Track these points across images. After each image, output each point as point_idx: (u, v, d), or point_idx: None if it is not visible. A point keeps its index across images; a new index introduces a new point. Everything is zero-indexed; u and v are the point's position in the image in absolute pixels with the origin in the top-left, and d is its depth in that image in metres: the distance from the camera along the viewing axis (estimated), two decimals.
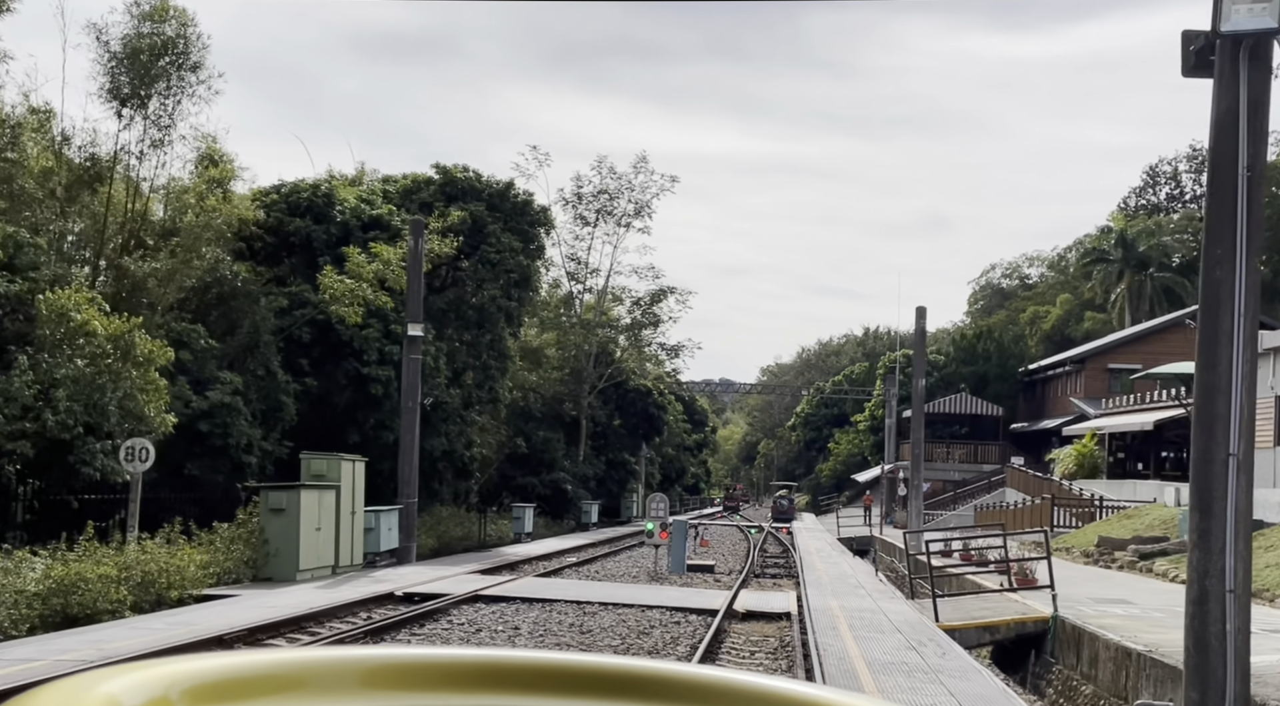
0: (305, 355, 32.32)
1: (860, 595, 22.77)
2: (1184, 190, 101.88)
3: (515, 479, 51.83)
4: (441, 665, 1.64)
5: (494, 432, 47.78)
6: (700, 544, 42.38)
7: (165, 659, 1.51)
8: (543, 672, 1.64)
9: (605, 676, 1.64)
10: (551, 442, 53.90)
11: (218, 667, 1.47)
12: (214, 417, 27.05)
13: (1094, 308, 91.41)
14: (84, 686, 1.30)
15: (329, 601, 17.28)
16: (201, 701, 1.40)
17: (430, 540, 30.96)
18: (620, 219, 57.98)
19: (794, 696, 1.60)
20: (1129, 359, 66.04)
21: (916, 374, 36.64)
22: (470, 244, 36.34)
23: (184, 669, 1.44)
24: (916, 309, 36.40)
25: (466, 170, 37.16)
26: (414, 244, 27.51)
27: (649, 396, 61.72)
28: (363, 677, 1.57)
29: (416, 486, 27.70)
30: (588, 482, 56.79)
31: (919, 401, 36.42)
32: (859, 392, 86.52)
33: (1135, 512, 38.69)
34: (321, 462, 22.29)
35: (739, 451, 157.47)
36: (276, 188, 33.69)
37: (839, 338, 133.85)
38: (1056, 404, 70.63)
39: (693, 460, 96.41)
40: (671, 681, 1.63)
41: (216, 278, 29.39)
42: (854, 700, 1.58)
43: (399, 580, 21.00)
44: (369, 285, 29.52)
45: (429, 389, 34.17)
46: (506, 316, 37.12)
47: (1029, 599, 20.49)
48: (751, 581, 27.91)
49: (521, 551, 31.59)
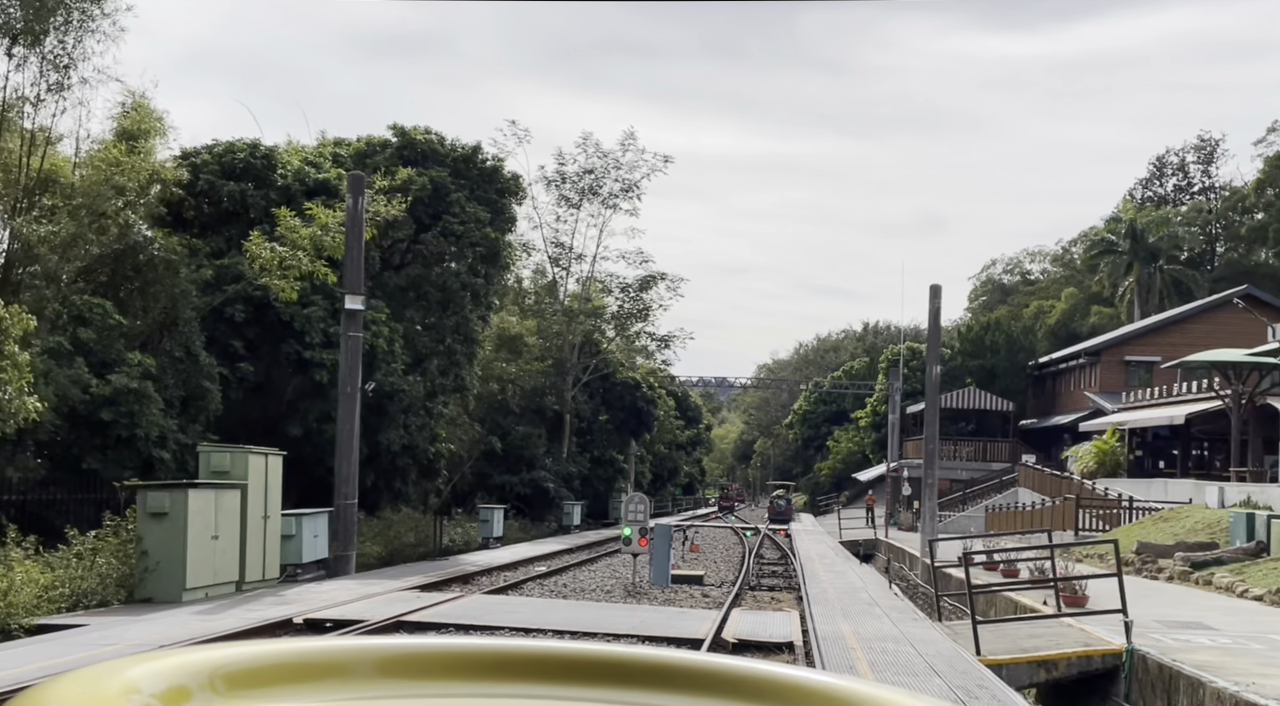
0: (239, 336, 28.43)
1: (876, 616, 18.90)
2: (1192, 181, 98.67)
3: (492, 477, 47.94)
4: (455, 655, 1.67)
5: (466, 427, 43.88)
6: (690, 549, 38.49)
7: (184, 648, 1.54)
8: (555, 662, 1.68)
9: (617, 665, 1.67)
10: (532, 439, 49.99)
11: (237, 656, 1.49)
12: (118, 405, 23.14)
13: (1101, 301, 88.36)
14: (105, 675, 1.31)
15: (201, 632, 13.39)
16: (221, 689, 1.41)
17: (376, 548, 27.05)
18: (606, 200, 54.08)
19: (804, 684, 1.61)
20: (1147, 351, 62.41)
21: (930, 360, 32.78)
22: (431, 213, 32.42)
23: (204, 657, 1.46)
24: (930, 287, 32.56)
25: (429, 132, 33.20)
26: (353, 203, 23.61)
27: (638, 390, 57.81)
28: (379, 667, 1.59)
29: (356, 485, 23.80)
30: (571, 481, 52.89)
31: (933, 391, 32.57)
32: (860, 387, 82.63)
33: (1171, 515, 34.86)
34: (223, 456, 18.35)
35: (735, 450, 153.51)
36: (209, 147, 29.75)
37: (838, 333, 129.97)
38: (1069, 399, 66.84)
39: (686, 459, 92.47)
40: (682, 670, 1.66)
41: (130, 245, 25.48)
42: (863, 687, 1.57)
43: (313, 600, 17.11)
44: (305, 254, 25.59)
45: (382, 376, 30.28)
46: (473, 295, 33.16)
47: (1085, 623, 16.64)
48: (746, 595, 24.04)
49: (484, 560, 27.68)
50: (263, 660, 1.50)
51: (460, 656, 1.65)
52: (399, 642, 1.69)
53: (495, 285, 34.41)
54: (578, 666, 1.65)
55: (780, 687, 1.59)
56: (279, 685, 1.48)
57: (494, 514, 33.10)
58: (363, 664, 1.58)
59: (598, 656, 1.69)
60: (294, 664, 1.52)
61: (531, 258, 54.94)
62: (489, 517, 32.88)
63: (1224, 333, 56.84)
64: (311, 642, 1.62)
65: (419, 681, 1.59)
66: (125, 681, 1.30)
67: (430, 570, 23.86)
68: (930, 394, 32.66)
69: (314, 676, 1.52)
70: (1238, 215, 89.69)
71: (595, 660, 1.67)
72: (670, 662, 1.68)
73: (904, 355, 76.84)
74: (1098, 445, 49.20)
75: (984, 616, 20.22)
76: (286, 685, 1.48)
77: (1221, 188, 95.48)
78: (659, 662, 1.67)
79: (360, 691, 1.53)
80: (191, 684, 1.39)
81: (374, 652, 1.63)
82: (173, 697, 1.35)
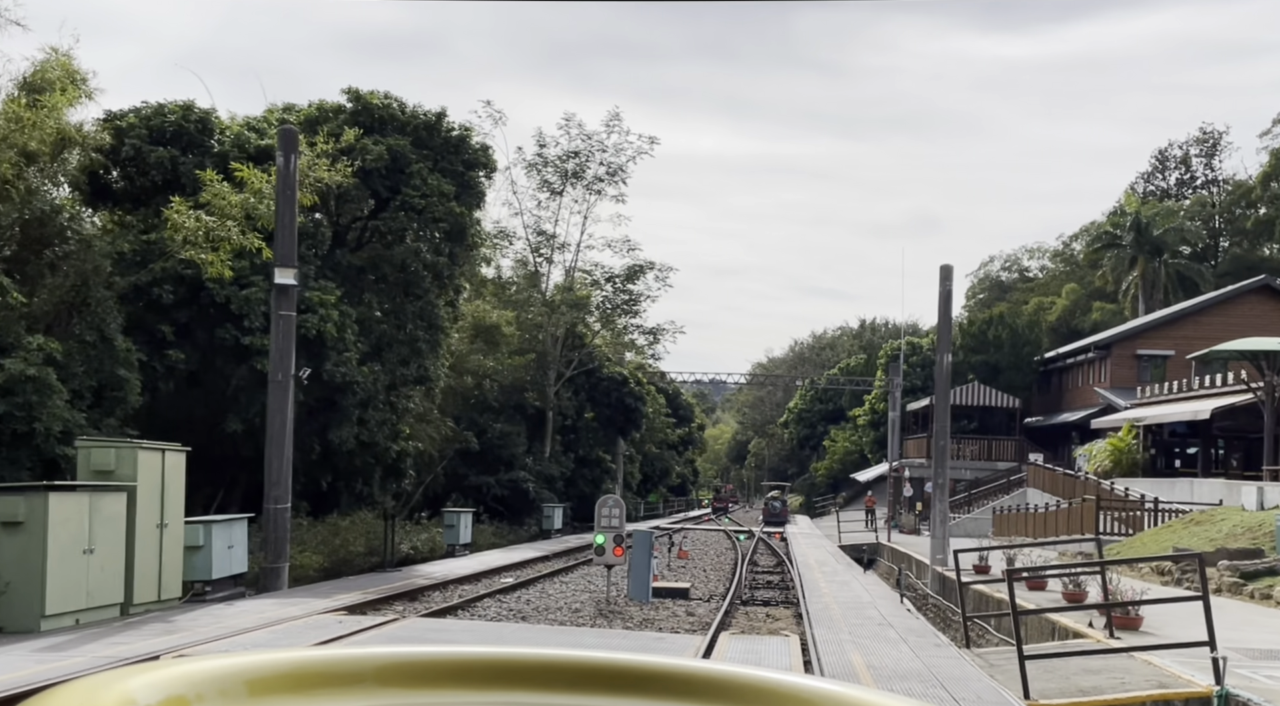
0: (168, 320, 25.28)
1: (890, 640, 15.85)
2: (1195, 175, 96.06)
3: (468, 478, 44.84)
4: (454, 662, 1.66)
5: (437, 424, 40.77)
6: (678, 555, 35.43)
7: (181, 659, 1.53)
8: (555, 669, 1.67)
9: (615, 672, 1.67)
10: (511, 437, 46.87)
11: (233, 667, 1.49)
12: (14, 395, 20.02)
13: (1103, 297, 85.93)
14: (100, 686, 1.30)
15: (33, 678, 10.29)
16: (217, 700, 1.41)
17: (318, 558, 23.92)
18: (591, 184, 50.96)
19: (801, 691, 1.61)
20: (1160, 344, 59.52)
21: (941, 347, 29.72)
22: (389, 186, 29.30)
23: (199, 668, 1.45)
24: (941, 268, 29.48)
25: (387, 97, 30.04)
26: (284, 162, 20.49)
27: (625, 385, 54.70)
28: (377, 675, 1.59)
29: (289, 486, 20.69)
30: (554, 483, 49.77)
31: (943, 382, 29.51)
32: (858, 383, 79.55)
33: (1203, 518, 31.82)
34: (106, 453, 15.21)
35: (729, 451, 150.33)
36: (136, 109, 26.60)
37: (834, 330, 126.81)
38: (1077, 395, 63.87)
39: (678, 459, 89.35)
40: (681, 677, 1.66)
41: (37, 215, 22.35)
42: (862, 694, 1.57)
43: (206, 628, 14.01)
44: (235, 224, 22.48)
45: (333, 365, 27.17)
46: (436, 277, 30.01)
47: (1151, 655, 13.59)
48: (737, 612, 20.98)
49: (444, 570, 24.59)
50: (260, 670, 1.50)
51: (459, 663, 1.66)
52: (397, 650, 1.68)
53: (462, 266, 31.28)
54: (579, 673, 1.66)
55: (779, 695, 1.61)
56: (277, 695, 1.48)
57: (460, 518, 29.92)
58: (361, 672, 1.58)
59: (598, 663, 1.68)
60: (291, 674, 1.52)
61: (513, 246, 51.87)
62: (455, 522, 29.72)
63: (1240, 325, 54.13)
64: (309, 652, 1.61)
65: (420, 689, 1.59)
66: (122, 692, 1.29)
67: (375, 585, 20.75)
68: (940, 384, 29.62)
69: (312, 686, 1.52)
70: (1242, 209, 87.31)
71: (596, 667, 1.67)
72: (670, 669, 1.69)
73: (904, 350, 73.86)
74: (1113, 442, 46.19)
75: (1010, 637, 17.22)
76: (284, 694, 1.49)
77: (1225, 181, 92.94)
78: (659, 670, 1.68)
79: (358, 700, 1.54)
80: (189, 694, 1.39)
81: (374, 661, 1.62)
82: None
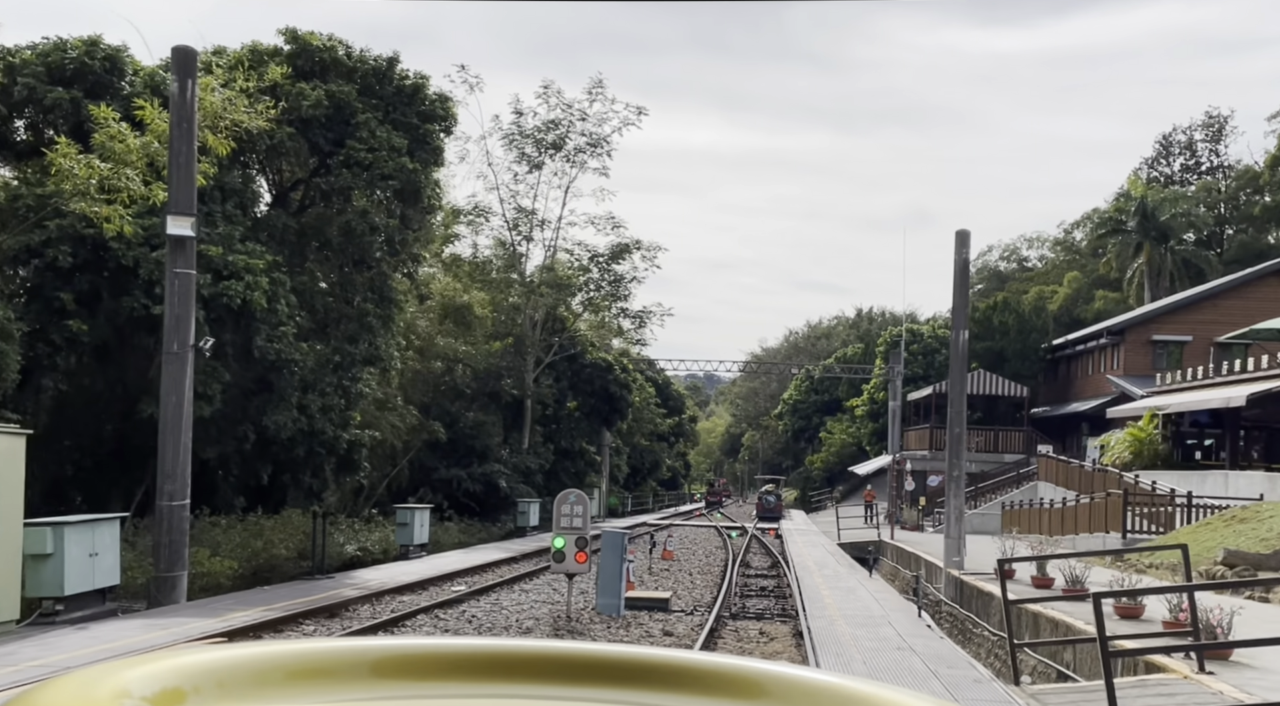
0: (67, 287, 21.83)
1: (917, 672, 12.50)
2: (1200, 160, 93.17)
3: (437, 471, 41.43)
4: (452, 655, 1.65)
5: (400, 412, 37.37)
6: (662, 555, 32.07)
7: (177, 649, 1.52)
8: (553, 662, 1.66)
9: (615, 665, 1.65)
10: (485, 427, 43.45)
11: (231, 658, 1.48)
12: None
13: (1107, 285, 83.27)
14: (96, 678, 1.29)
15: None
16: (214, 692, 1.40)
17: (232, 564, 20.46)
18: (572, 156, 47.46)
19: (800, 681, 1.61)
20: (1177, 329, 56.32)
21: (956, 323, 26.35)
22: (332, 139, 25.84)
23: (196, 660, 1.44)
24: (957, 234, 26.10)
25: (331, 39, 26.54)
26: (179, 90, 17.02)
27: (610, 372, 51.26)
28: (374, 667, 1.58)
29: (187, 479, 17.26)
30: (532, 476, 46.32)
31: (959, 361, 26.12)
32: (856, 372, 76.14)
33: (1245, 514, 28.48)
34: None
35: (723, 444, 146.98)
36: (34, 45, 23.10)
37: (829, 319, 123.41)
38: (1087, 384, 60.59)
39: (669, 451, 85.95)
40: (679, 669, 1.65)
41: None
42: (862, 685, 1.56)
43: (19, 665, 10.59)
44: (136, 171, 19.00)
45: (264, 341, 23.74)
46: (389, 243, 26.55)
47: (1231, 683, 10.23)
48: (725, 629, 17.59)
49: (386, 577, 21.18)
50: (258, 662, 1.48)
51: (457, 656, 1.65)
52: (394, 643, 1.67)
53: (418, 231, 27.74)
54: (576, 666, 1.64)
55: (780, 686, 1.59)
56: (274, 687, 1.46)
57: (415, 516, 26.43)
58: (358, 665, 1.57)
59: (595, 656, 1.67)
60: (289, 666, 1.50)
61: (490, 223, 48.35)
62: (409, 520, 26.23)
63: (1259, 308, 51.19)
64: (307, 644, 1.60)
65: (415, 682, 1.58)
66: (118, 684, 1.28)
67: (292, 597, 17.33)
68: (956, 364, 26.26)
69: (309, 678, 1.51)
70: (1248, 195, 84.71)
71: (593, 659, 1.66)
72: (667, 662, 1.67)
73: (904, 338, 70.52)
74: (1133, 432, 42.83)
75: (1058, 663, 13.90)
76: (282, 687, 1.47)
77: (1230, 167, 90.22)
78: (656, 662, 1.67)
79: (355, 693, 1.53)
80: (186, 686, 1.37)
81: (369, 653, 1.61)
82: (167, 700, 1.33)
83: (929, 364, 70.83)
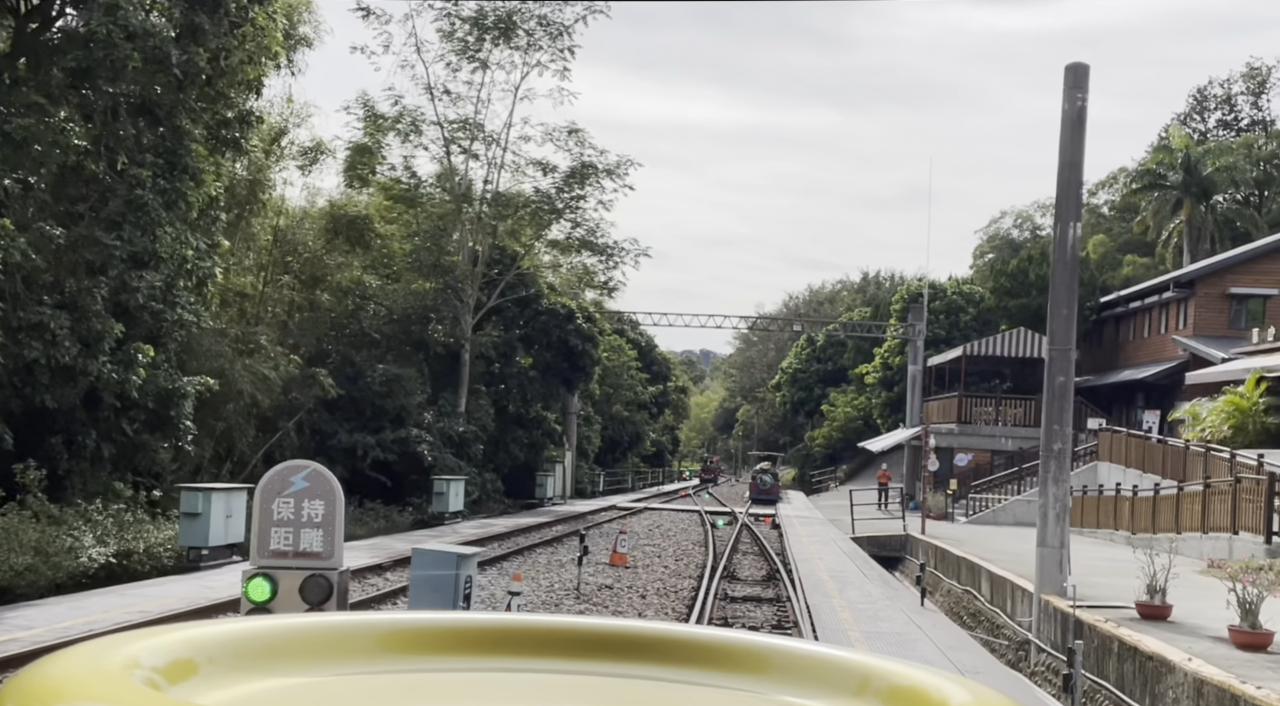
0: None
1: None
2: (1239, 115, 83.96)
3: (335, 436, 31.81)
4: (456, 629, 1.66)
5: (273, 357, 27.73)
6: (611, 560, 22.55)
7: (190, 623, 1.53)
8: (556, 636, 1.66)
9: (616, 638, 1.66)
10: (402, 382, 33.71)
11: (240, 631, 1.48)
12: None
13: (1136, 248, 74.51)
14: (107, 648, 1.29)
15: None
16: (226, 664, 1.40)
17: None
18: (525, 49, 37.63)
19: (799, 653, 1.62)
20: (1258, 282, 46.79)
21: (1064, 213, 16.74)
22: None
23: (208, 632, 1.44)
24: (1067, 69, 16.45)
25: None
26: None
27: (570, 321, 41.52)
28: (381, 642, 1.59)
29: None
30: (468, 447, 36.71)
31: (1067, 268, 16.55)
32: (868, 331, 66.35)
33: None
34: None
35: (716, 419, 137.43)
36: None
37: (833, 283, 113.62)
38: (1144, 347, 51.04)
39: (652, 423, 76.26)
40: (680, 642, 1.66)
41: None
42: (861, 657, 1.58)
43: None
44: None
45: None
46: (186, 77, 16.80)
47: None
48: None
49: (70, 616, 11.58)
50: (267, 635, 1.49)
51: (462, 631, 1.66)
52: (401, 617, 1.70)
53: (228, 61, 17.89)
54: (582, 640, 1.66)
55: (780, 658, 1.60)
56: (284, 659, 1.47)
57: (209, 503, 16.51)
58: (365, 638, 1.58)
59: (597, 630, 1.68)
60: (298, 638, 1.51)
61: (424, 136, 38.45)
62: (198, 508, 16.41)
63: None
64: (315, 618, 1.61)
65: (422, 655, 1.59)
66: (129, 655, 1.28)
67: None
68: (1061, 273, 16.69)
69: (318, 650, 1.52)
70: None
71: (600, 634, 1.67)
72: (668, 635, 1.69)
73: (926, 292, 60.89)
74: (1234, 400, 33.22)
75: None
76: (291, 659, 1.48)
77: (1272, 122, 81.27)
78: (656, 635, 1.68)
79: (364, 665, 1.53)
80: (198, 657, 1.38)
81: (376, 627, 1.63)
82: (178, 671, 1.34)
83: (952, 325, 61.15)
